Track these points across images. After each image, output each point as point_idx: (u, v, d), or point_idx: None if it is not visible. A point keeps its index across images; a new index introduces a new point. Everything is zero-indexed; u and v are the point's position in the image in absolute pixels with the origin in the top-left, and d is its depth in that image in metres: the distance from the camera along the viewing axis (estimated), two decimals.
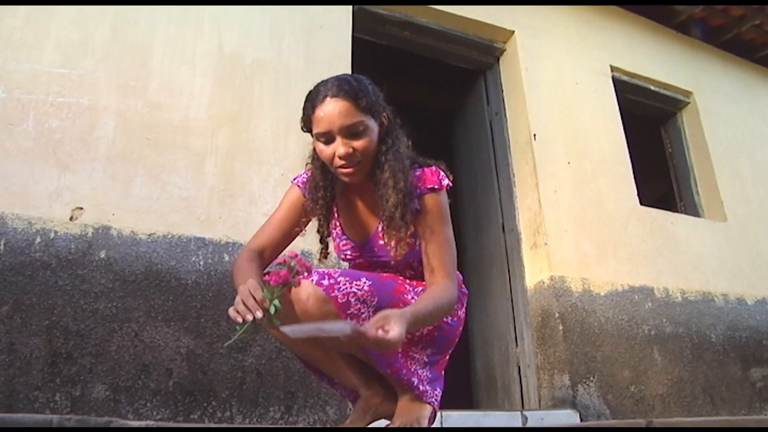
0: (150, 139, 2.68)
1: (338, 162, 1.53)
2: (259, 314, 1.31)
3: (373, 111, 1.54)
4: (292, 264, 1.44)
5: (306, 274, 1.46)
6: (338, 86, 1.52)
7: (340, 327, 1.26)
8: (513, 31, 4.01)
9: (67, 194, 2.46)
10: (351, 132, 1.51)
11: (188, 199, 2.65)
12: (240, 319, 1.31)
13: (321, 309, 1.43)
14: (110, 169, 2.56)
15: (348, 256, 1.71)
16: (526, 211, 3.60)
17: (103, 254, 2.41)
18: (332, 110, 1.49)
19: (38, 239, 2.35)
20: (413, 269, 1.67)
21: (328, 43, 3.27)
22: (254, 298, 1.34)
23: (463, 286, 1.76)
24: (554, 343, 3.20)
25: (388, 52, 3.90)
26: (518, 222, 3.64)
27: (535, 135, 3.69)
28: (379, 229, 1.60)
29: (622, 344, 3.33)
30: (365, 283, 1.48)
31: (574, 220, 3.55)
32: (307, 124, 1.57)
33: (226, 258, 2.60)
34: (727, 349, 3.73)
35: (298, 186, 1.73)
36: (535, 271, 3.44)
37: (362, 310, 1.46)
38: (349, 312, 1.44)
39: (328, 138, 1.52)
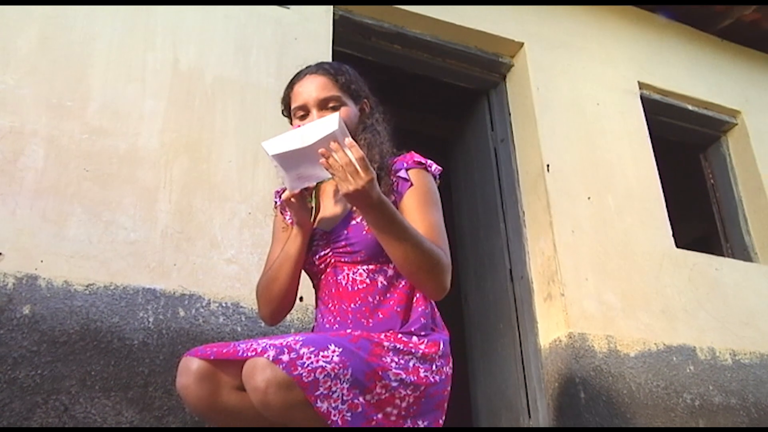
0: (89, 171, 2.70)
1: None
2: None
3: (352, 92, 1.85)
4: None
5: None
6: (318, 65, 1.87)
7: (326, 124, 1.54)
8: (522, 44, 4.09)
9: None
10: (326, 105, 1.80)
11: (136, 243, 2.66)
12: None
13: (285, 399, 1.43)
14: (39, 206, 2.57)
15: (313, 248, 1.83)
16: (539, 256, 3.62)
17: (26, 310, 2.40)
18: (310, 84, 1.81)
19: None
20: (387, 265, 1.76)
21: (304, 58, 3.26)
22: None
23: (446, 330, 1.81)
24: (575, 415, 3.18)
25: (374, 69, 3.92)
26: (529, 268, 3.66)
27: (548, 166, 3.73)
28: (353, 209, 1.78)
29: (659, 417, 3.31)
30: (334, 352, 1.49)
31: (595, 266, 3.57)
32: (286, 105, 1.89)
33: (182, 313, 2.60)
34: None
35: (275, 202, 2.02)
36: (550, 326, 3.44)
37: (334, 388, 1.46)
38: (318, 393, 1.44)
39: (304, 112, 1.81)
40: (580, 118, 4.01)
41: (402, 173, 1.80)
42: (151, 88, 2.96)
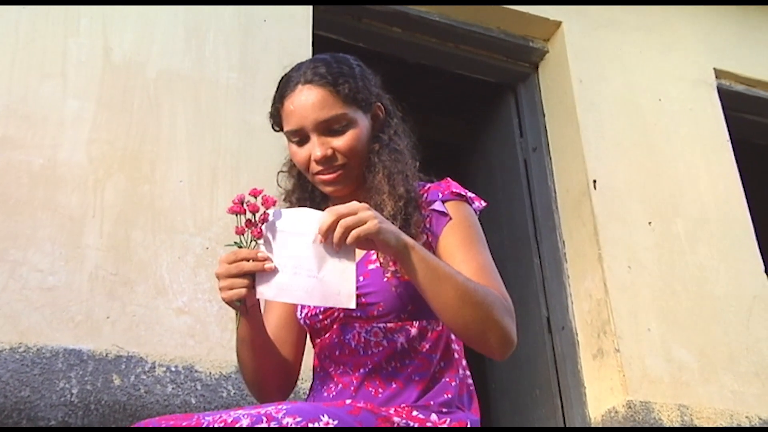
0: None
1: (315, 168, 1.75)
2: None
3: (360, 100, 1.78)
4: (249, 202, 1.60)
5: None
6: (313, 70, 1.77)
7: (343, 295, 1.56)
8: (559, 23, 4.13)
9: None
10: (329, 128, 1.74)
11: (55, 290, 2.65)
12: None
13: None
14: None
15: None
16: (585, 299, 3.61)
17: None
18: (305, 101, 1.75)
19: None
20: (411, 323, 1.73)
21: (276, 45, 3.33)
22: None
23: (478, 412, 1.78)
24: None
25: (366, 59, 3.94)
26: (572, 316, 3.66)
27: (595, 182, 3.73)
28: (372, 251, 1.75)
29: None
30: (327, 424, 1.46)
31: (660, 313, 3.55)
32: (277, 121, 1.84)
33: (117, 381, 2.58)
34: None
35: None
36: (603, 393, 3.42)
37: None
38: None
39: (301, 137, 1.77)
40: (637, 119, 4.03)
41: (437, 205, 1.78)
42: (75, 86, 2.96)
